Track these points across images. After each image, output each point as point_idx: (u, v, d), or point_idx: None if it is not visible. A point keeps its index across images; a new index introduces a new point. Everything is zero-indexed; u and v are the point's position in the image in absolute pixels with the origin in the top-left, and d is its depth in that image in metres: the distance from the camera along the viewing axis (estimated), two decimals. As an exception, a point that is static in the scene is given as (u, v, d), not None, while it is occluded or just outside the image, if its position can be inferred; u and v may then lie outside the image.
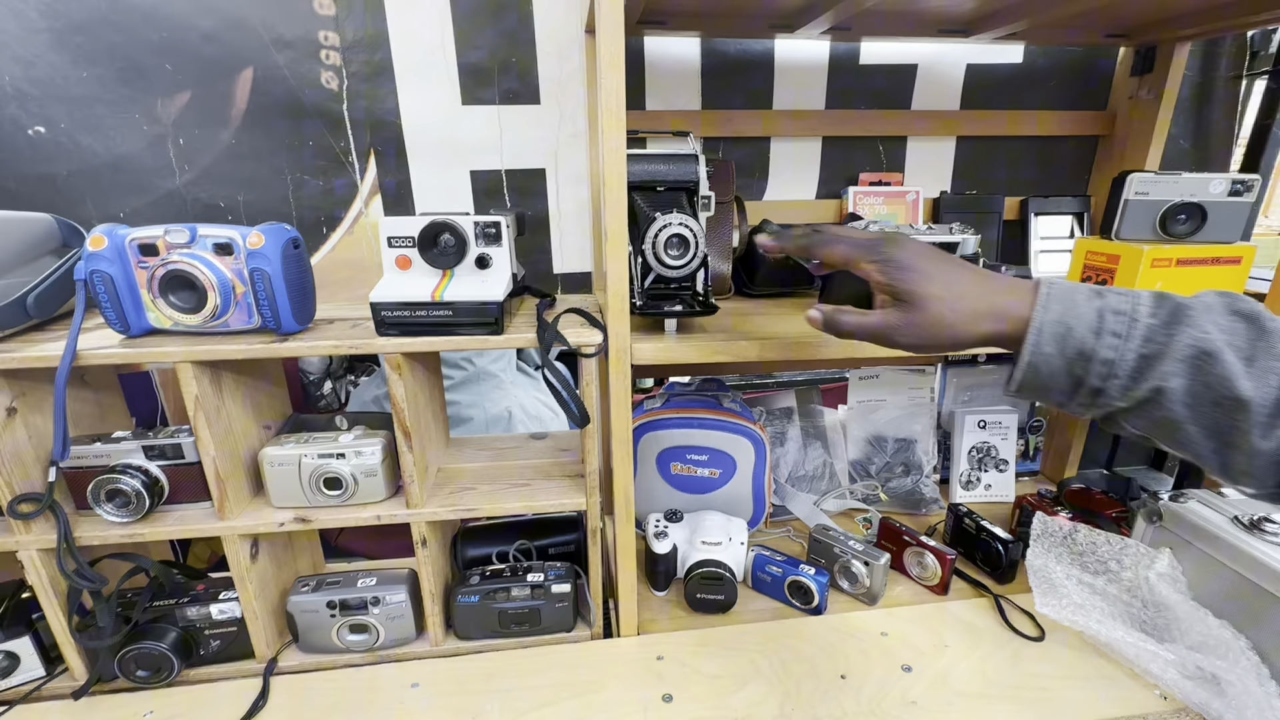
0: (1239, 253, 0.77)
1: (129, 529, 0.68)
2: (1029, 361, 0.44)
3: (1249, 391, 0.38)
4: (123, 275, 0.61)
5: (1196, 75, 1.03)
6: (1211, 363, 0.39)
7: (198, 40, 0.81)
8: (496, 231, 0.67)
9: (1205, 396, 0.39)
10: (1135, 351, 0.41)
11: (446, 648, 0.79)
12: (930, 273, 0.48)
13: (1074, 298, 0.43)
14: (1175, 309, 0.41)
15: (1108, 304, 0.43)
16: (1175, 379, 0.40)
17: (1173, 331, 0.40)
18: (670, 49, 0.92)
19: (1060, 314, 0.43)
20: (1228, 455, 0.40)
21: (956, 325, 0.46)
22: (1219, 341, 0.39)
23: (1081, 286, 0.44)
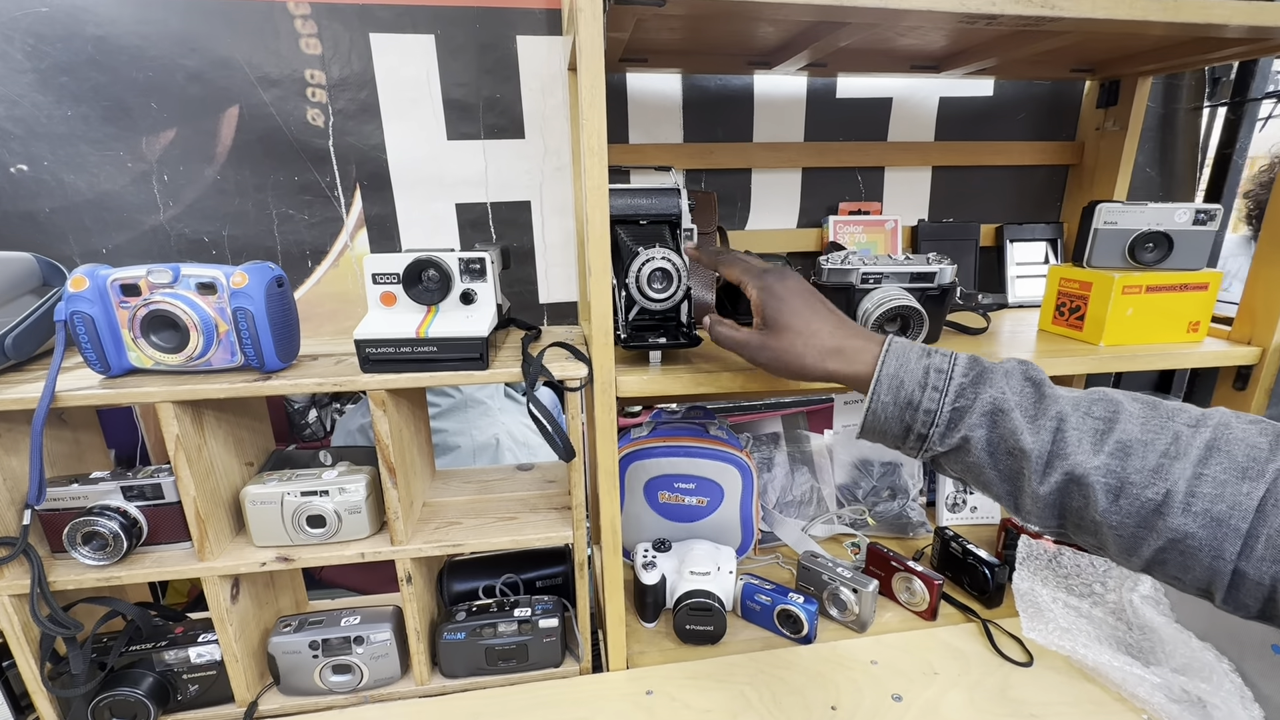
0: (1205, 279, 0.80)
1: (106, 572, 0.67)
2: (871, 408, 0.51)
3: (1029, 444, 0.45)
4: (104, 316, 0.61)
5: (1160, 106, 1.07)
6: (1004, 418, 0.46)
7: (183, 79, 0.82)
8: (481, 267, 0.68)
9: (1000, 446, 0.47)
10: (950, 404, 0.48)
11: (432, 687, 0.77)
12: (797, 308, 0.56)
13: (908, 355, 0.51)
14: (981, 372, 0.49)
15: (932, 363, 0.50)
16: (978, 430, 0.47)
17: (978, 389, 0.48)
18: (652, 84, 0.95)
19: (895, 369, 0.50)
20: (1018, 498, 0.48)
21: (805, 357, 0.55)
22: (1010, 401, 0.47)
23: (915, 347, 0.52)
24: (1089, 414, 0.45)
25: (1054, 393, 0.47)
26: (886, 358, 0.51)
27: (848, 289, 0.77)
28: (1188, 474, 0.40)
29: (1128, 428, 0.43)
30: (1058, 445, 0.44)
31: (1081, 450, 0.43)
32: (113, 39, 0.79)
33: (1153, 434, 0.43)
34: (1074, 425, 0.44)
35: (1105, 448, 0.43)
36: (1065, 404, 0.46)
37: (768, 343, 0.57)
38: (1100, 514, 0.43)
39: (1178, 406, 0.44)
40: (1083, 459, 0.43)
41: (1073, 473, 0.43)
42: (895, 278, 0.77)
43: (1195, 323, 0.81)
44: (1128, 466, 0.42)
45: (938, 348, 0.52)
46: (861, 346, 0.53)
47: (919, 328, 0.75)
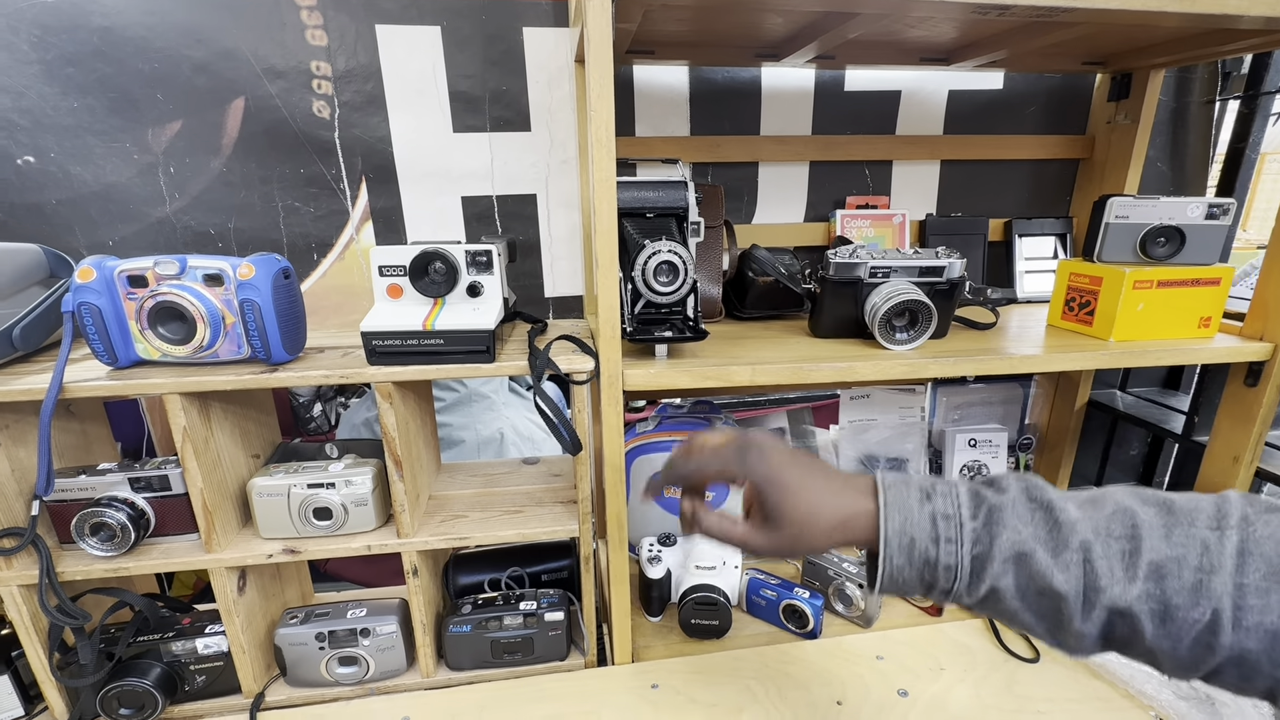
0: (1218, 274, 0.79)
1: (113, 563, 0.67)
2: (887, 573, 0.46)
3: (1062, 584, 0.42)
4: (111, 307, 0.61)
5: (1171, 100, 1.05)
6: (1028, 560, 0.43)
7: (189, 71, 0.81)
8: (488, 260, 0.67)
9: (1030, 589, 0.43)
10: (969, 555, 0.44)
11: (438, 679, 0.77)
12: (792, 486, 0.49)
13: (909, 504, 0.46)
14: (990, 510, 0.45)
15: (937, 509, 0.45)
16: (1005, 578, 0.44)
17: (993, 533, 0.44)
18: (659, 77, 0.94)
19: (901, 524, 0.45)
20: (1060, 636, 0.44)
21: (813, 541, 0.49)
22: (1029, 540, 0.43)
23: (912, 487, 0.47)
24: (1110, 535, 0.42)
25: (1068, 517, 0.44)
26: (888, 513, 0.46)
27: (856, 283, 0.76)
28: (1229, 588, 0.38)
29: (1154, 544, 0.41)
30: (1090, 579, 0.41)
31: (1116, 581, 0.41)
32: (118, 30, 0.78)
33: (1180, 547, 0.40)
34: (1100, 554, 0.42)
35: (1139, 573, 0.40)
36: (1085, 530, 0.43)
37: (771, 539, 0.50)
38: (1150, 641, 0.40)
39: (1192, 506, 0.42)
40: (1119, 590, 0.41)
41: (1114, 606, 0.41)
42: (904, 272, 0.76)
43: (1207, 318, 0.80)
44: (1166, 589, 0.40)
45: (936, 482, 0.47)
46: (860, 508, 0.47)
47: (927, 322, 0.74)
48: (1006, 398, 1.15)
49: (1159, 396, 1.17)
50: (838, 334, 0.81)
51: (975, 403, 1.14)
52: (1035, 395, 1.17)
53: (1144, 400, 1.16)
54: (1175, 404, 1.13)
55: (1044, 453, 1.18)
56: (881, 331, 0.74)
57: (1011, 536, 0.44)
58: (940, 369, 0.73)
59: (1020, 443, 1.17)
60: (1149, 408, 1.13)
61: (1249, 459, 0.85)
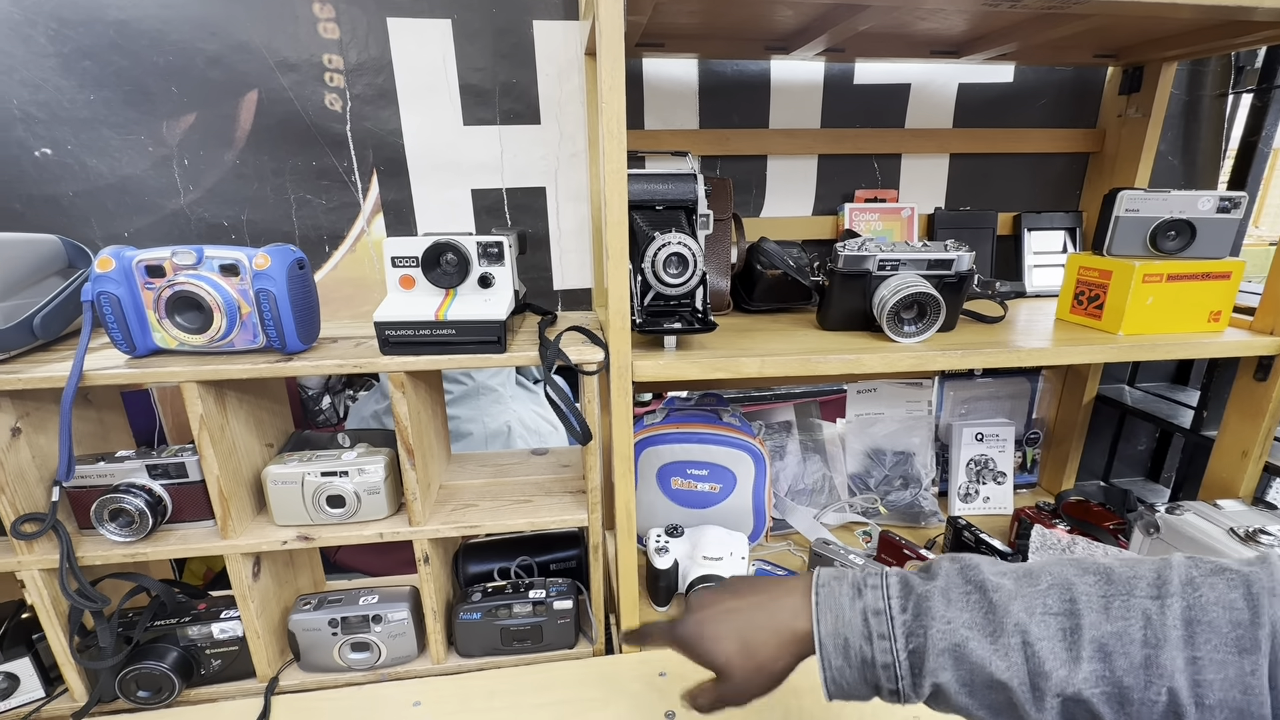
0: (1228, 268, 0.79)
1: (131, 548, 0.68)
2: (830, 677, 0.44)
3: (1003, 672, 0.39)
4: (129, 296, 0.62)
5: (1183, 93, 1.05)
6: (965, 652, 0.40)
7: (203, 64, 0.82)
8: (499, 251, 0.68)
9: (975, 682, 0.40)
10: (904, 650, 0.42)
11: (448, 665, 0.79)
12: (718, 634, 0.48)
13: (840, 603, 0.44)
14: (918, 600, 0.42)
15: (867, 604, 0.43)
16: (944, 673, 0.40)
17: (924, 625, 0.41)
18: (668, 70, 0.94)
19: (833, 625, 0.43)
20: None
21: (765, 674, 0.47)
22: (962, 630, 0.40)
23: (845, 584, 0.45)
24: (1047, 611, 0.39)
25: (999, 596, 0.41)
26: (819, 614, 0.44)
27: (864, 276, 0.77)
28: (1180, 664, 0.36)
29: (1093, 620, 0.38)
30: (1033, 664, 0.38)
31: (1060, 664, 0.38)
32: (134, 23, 0.79)
33: (1121, 620, 0.37)
34: (1037, 635, 0.39)
35: (1082, 653, 0.38)
36: (1019, 610, 0.40)
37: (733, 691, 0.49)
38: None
39: (1130, 574, 0.39)
40: (1065, 674, 0.38)
41: (1064, 693, 0.38)
42: (912, 264, 0.76)
43: (1217, 312, 0.80)
44: (1115, 668, 0.37)
45: (869, 575, 0.45)
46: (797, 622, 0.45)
47: (935, 315, 0.74)
48: (1014, 392, 1.15)
49: (1167, 391, 1.17)
50: (846, 326, 0.81)
51: (982, 397, 1.14)
52: (1043, 389, 1.17)
53: (1152, 395, 1.15)
54: (1184, 399, 1.12)
55: (1051, 447, 1.18)
56: (890, 324, 0.74)
57: (942, 627, 0.41)
58: (948, 361, 0.73)
59: (1027, 437, 1.17)
60: (1157, 402, 1.12)
61: (1258, 454, 0.85)
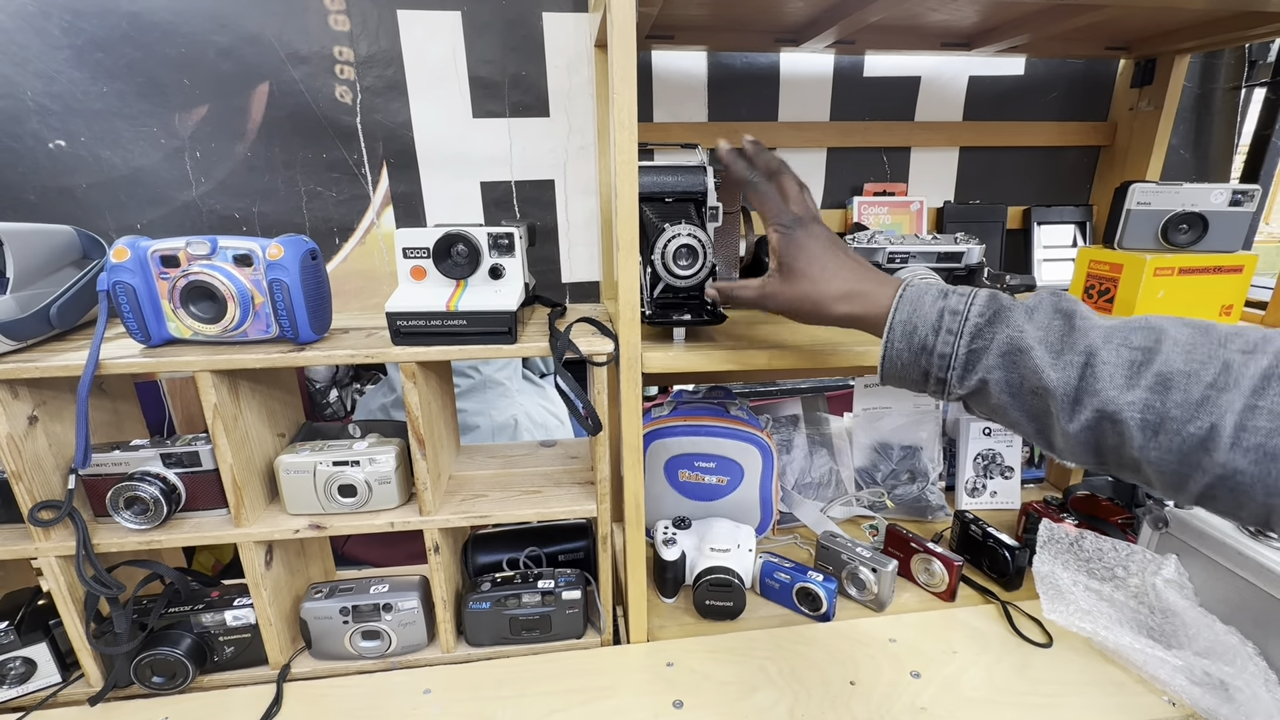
0: (1240, 261, 0.78)
1: (146, 536, 0.69)
2: (885, 354, 0.51)
3: (1053, 381, 0.43)
4: (144, 286, 0.63)
5: (1196, 86, 1.04)
6: (1023, 357, 0.44)
7: (215, 56, 0.82)
8: (509, 242, 0.68)
9: (1021, 386, 0.45)
10: (965, 347, 0.47)
11: (458, 654, 0.79)
12: (815, 254, 0.56)
13: (922, 299, 0.50)
14: (998, 310, 0.47)
15: (948, 304, 0.48)
16: (995, 371, 0.46)
17: (994, 329, 0.46)
18: (677, 62, 0.94)
19: (908, 314, 0.49)
20: (1047, 436, 0.46)
21: (819, 301, 0.55)
22: (1031, 338, 0.44)
23: (933, 287, 0.50)
24: (1125, 344, 0.41)
25: (1086, 324, 0.43)
26: (900, 303, 0.50)
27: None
28: (1238, 406, 0.37)
29: (1170, 358, 0.39)
30: (1086, 381, 0.41)
31: (1114, 385, 0.40)
32: (146, 15, 0.80)
33: (1198, 364, 0.39)
34: (1105, 359, 0.41)
35: (1142, 381, 0.40)
36: (1097, 336, 0.42)
37: (783, 290, 0.57)
38: (1138, 450, 0.40)
39: (1234, 330, 0.40)
40: (1114, 394, 0.40)
41: (1104, 409, 0.40)
42: (922, 257, 0.76)
43: (1228, 306, 0.80)
44: (1168, 401, 0.39)
45: (959, 288, 0.50)
46: (876, 291, 0.52)
47: (945, 307, 0.74)
48: (1022, 387, 1.15)
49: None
50: (855, 319, 0.81)
51: (990, 391, 1.14)
52: (1051, 385, 1.16)
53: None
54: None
55: (1059, 442, 1.18)
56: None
57: (1010, 333, 0.45)
58: (958, 354, 0.73)
59: (1035, 432, 1.17)
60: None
61: (1268, 448, 0.85)
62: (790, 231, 0.57)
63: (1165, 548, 0.81)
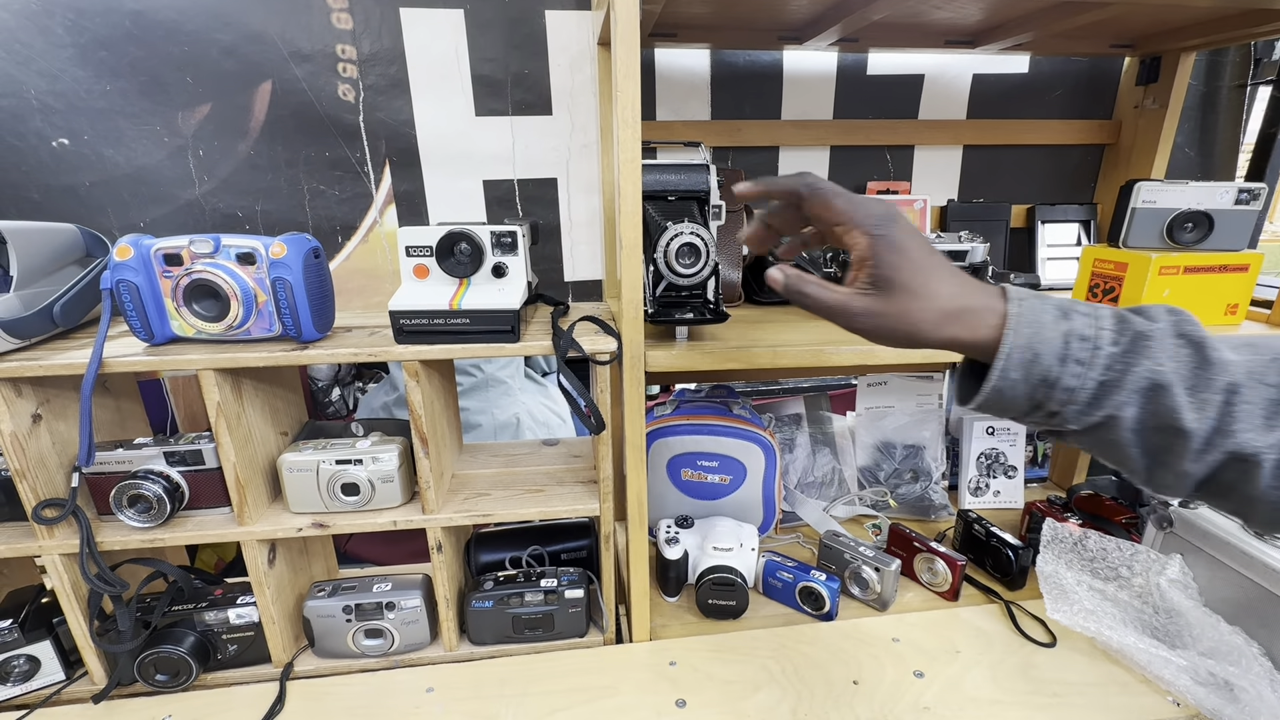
0: (1246, 260, 0.78)
1: (149, 534, 0.69)
2: (995, 385, 0.42)
3: (1191, 423, 0.38)
4: (148, 284, 0.63)
5: (1201, 84, 1.03)
6: (1163, 395, 0.39)
7: (218, 54, 0.82)
8: (512, 241, 0.68)
9: (1151, 424, 0.40)
10: (1096, 380, 0.41)
11: (461, 653, 0.79)
12: (920, 264, 0.44)
13: (1042, 319, 0.42)
14: (1135, 336, 0.41)
15: (1074, 328, 0.41)
16: (1129, 408, 0.40)
17: (1131, 361, 0.40)
18: (680, 60, 0.94)
19: (1029, 338, 0.41)
20: (1158, 473, 0.41)
21: (922, 324, 0.44)
22: (1170, 375, 0.39)
23: (1049, 305, 0.43)
24: (1264, 381, 0.38)
25: (1219, 356, 0.39)
26: (1017, 324, 0.41)
27: (877, 267, 0.76)
28: None
29: None
30: (1224, 422, 0.38)
31: (1250, 426, 0.37)
32: (150, 13, 0.80)
33: None
34: (1245, 398, 0.38)
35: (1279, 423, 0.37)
36: (1238, 372, 0.39)
37: (877, 308, 0.44)
38: (1260, 491, 0.38)
39: None
40: (1250, 436, 0.37)
41: (1239, 451, 0.38)
42: (926, 256, 0.76)
43: (1234, 305, 0.79)
44: None
45: (1075, 301, 0.43)
46: (986, 307, 0.43)
47: (950, 306, 0.74)
48: (1025, 386, 1.15)
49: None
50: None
51: (994, 391, 1.14)
52: (1055, 384, 1.16)
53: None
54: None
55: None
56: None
57: (1152, 367, 0.39)
58: (962, 353, 0.72)
59: (1039, 432, 1.17)
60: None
61: (1274, 448, 0.84)
62: (885, 232, 0.44)
63: (1170, 547, 0.81)
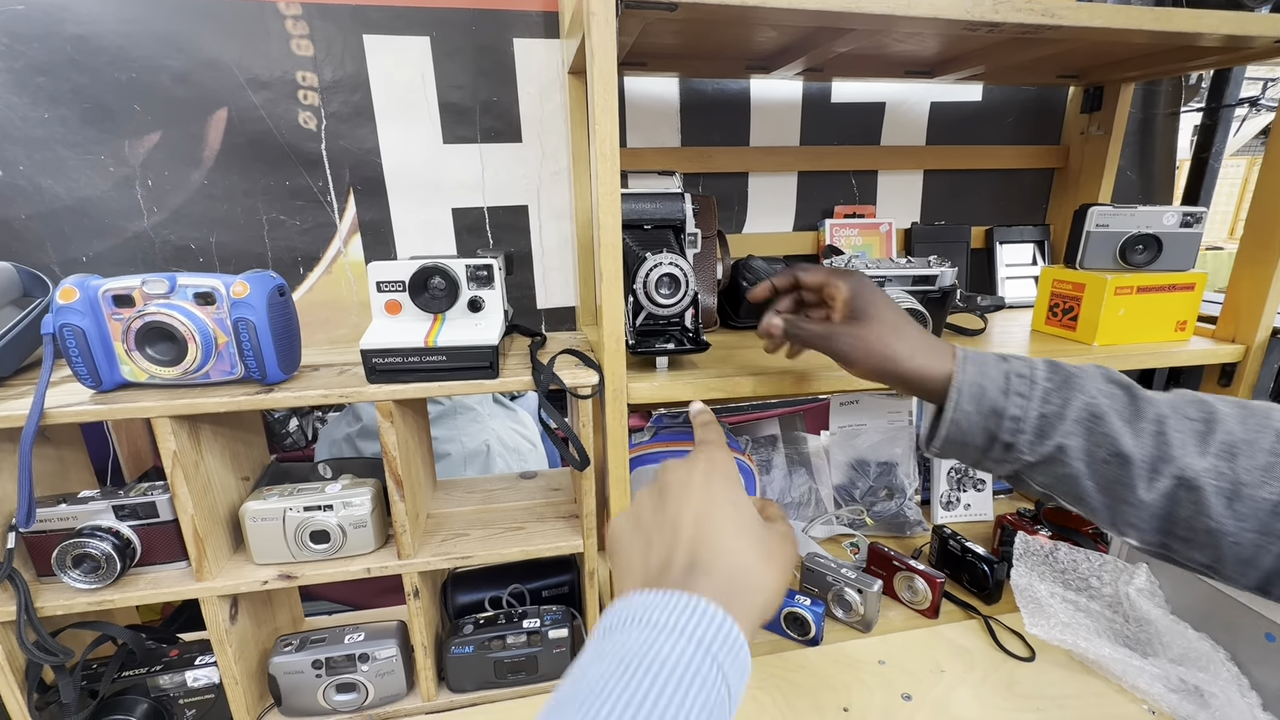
0: (1192, 279, 0.82)
1: (98, 595, 0.64)
2: (952, 418, 0.48)
3: (1131, 448, 0.43)
4: (95, 328, 0.58)
5: (1139, 111, 1.10)
6: (1100, 423, 0.44)
7: (168, 81, 0.79)
8: (488, 274, 0.66)
9: (1097, 454, 0.44)
10: (1037, 410, 0.46)
11: (440, 702, 0.76)
12: (885, 303, 0.55)
13: (985, 359, 0.49)
14: (1066, 376, 0.47)
15: (1012, 368, 0.48)
16: (1074, 437, 0.45)
17: (1067, 395, 0.46)
18: (650, 88, 0.94)
19: (976, 375, 0.48)
20: (1118, 508, 0.45)
21: (898, 351, 0.52)
22: (1104, 405, 0.45)
23: (989, 354, 0.50)
24: (1185, 415, 0.43)
25: (1145, 394, 0.45)
26: (964, 364, 0.49)
27: (852, 292, 0.77)
28: None
29: (1228, 427, 0.41)
30: (1161, 448, 0.42)
31: (1187, 451, 0.41)
32: (93, 38, 0.75)
33: (1254, 432, 0.41)
34: (1174, 427, 0.42)
35: (1211, 449, 0.41)
36: (1163, 406, 0.44)
37: (859, 332, 0.54)
38: (1215, 521, 0.40)
39: (1268, 406, 0.43)
40: (1191, 460, 0.41)
41: (1182, 475, 0.41)
42: (898, 280, 0.77)
43: (1183, 322, 0.84)
44: (1237, 467, 0.40)
45: (1012, 355, 0.50)
46: (939, 356, 0.50)
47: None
48: (990, 400, 1.18)
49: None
50: (834, 342, 0.81)
51: (960, 406, 1.17)
52: (1017, 397, 1.20)
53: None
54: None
55: (1026, 453, 1.21)
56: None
57: (1086, 399, 0.45)
58: (936, 376, 0.74)
59: (1003, 444, 1.20)
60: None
61: (1223, 456, 0.88)
62: (859, 281, 0.56)
63: (1135, 557, 0.84)
